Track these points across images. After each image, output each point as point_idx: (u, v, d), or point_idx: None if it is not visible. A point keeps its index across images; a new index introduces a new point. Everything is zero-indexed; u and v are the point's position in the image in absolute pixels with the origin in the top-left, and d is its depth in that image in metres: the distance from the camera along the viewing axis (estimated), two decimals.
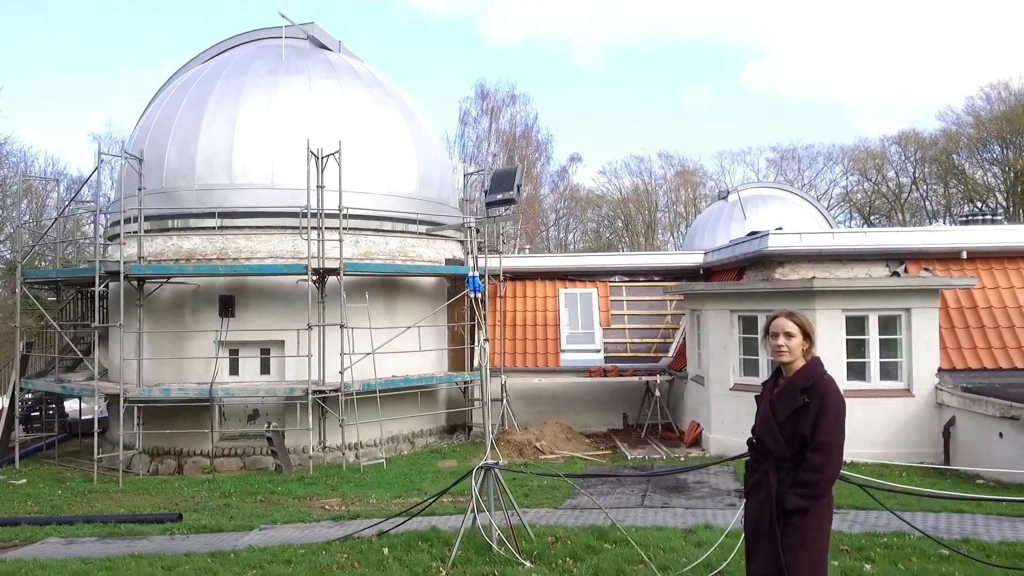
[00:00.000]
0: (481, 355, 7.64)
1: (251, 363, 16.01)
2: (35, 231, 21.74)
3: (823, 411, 3.89)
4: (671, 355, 18.08)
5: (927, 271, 14.23)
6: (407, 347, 16.04)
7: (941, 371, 13.05)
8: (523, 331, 18.59)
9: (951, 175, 43.80)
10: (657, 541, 7.24)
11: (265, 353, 16.05)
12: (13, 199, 27.54)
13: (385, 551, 7.28)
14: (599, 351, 18.20)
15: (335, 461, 15.09)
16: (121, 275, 14.52)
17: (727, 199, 26.67)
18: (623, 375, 17.37)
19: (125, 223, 15.15)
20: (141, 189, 15.41)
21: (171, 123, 16.90)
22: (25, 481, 14.37)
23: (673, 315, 18.89)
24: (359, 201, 15.96)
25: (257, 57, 18.11)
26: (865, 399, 12.71)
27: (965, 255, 14.44)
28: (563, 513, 9.34)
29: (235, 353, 15.89)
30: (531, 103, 61.63)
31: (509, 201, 9.08)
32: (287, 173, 15.99)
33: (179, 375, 15.50)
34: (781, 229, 15.63)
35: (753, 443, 4.23)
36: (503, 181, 8.81)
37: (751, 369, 13.92)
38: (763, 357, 13.64)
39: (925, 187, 46.20)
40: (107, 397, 14.89)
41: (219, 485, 13.27)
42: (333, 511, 10.52)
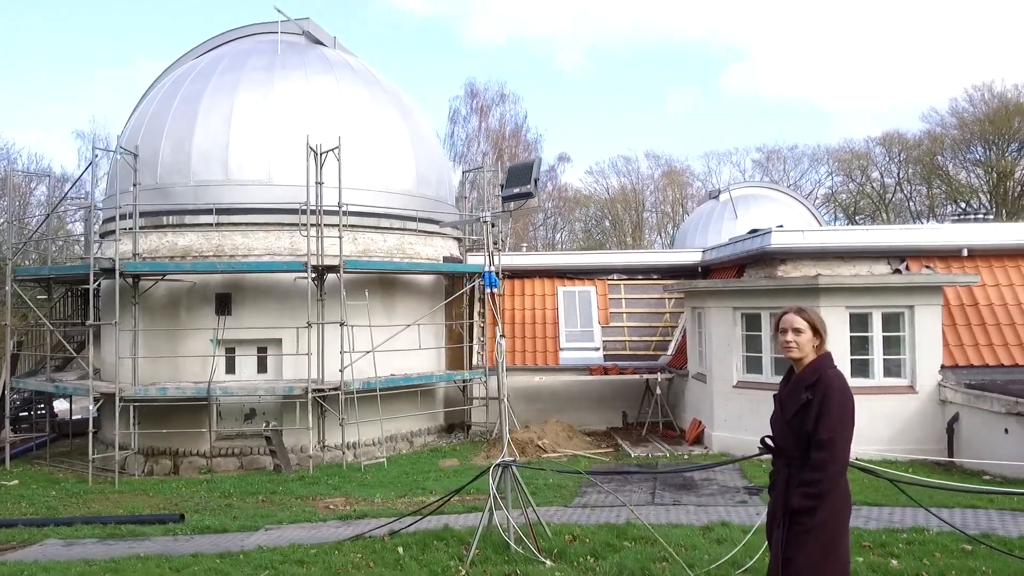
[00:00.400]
0: (498, 351, 7.49)
1: (248, 361, 15.78)
2: (19, 229, 21.30)
3: (825, 407, 3.80)
4: (670, 353, 18.04)
5: (928, 268, 14.27)
6: (406, 345, 15.90)
7: (943, 368, 13.08)
8: (522, 329, 18.47)
9: (935, 176, 44.08)
10: (676, 539, 7.17)
11: (262, 351, 15.83)
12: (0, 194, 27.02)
13: (400, 550, 7.16)
14: (598, 349, 18.12)
15: (334, 460, 14.90)
16: (116, 272, 14.26)
17: (718, 199, 26.70)
18: (623, 373, 17.30)
19: (119, 219, 14.91)
20: (136, 185, 15.15)
21: (165, 118, 16.64)
22: (17, 482, 14.09)
23: (671, 313, 18.85)
24: (357, 198, 15.78)
25: (252, 52, 17.89)
26: (869, 396, 12.70)
27: (966, 252, 14.49)
28: (574, 511, 9.25)
29: (231, 352, 15.65)
30: (520, 102, 61.40)
31: (526, 195, 8.93)
32: (284, 169, 15.79)
33: (174, 374, 15.25)
34: (782, 227, 15.63)
35: (765, 441, 4.17)
36: (520, 175, 8.66)
37: (754, 367, 13.89)
38: (766, 355, 13.63)
39: (909, 188, 46.49)
40: (101, 396, 14.59)
41: (218, 485, 13.07)
42: (339, 511, 10.37)
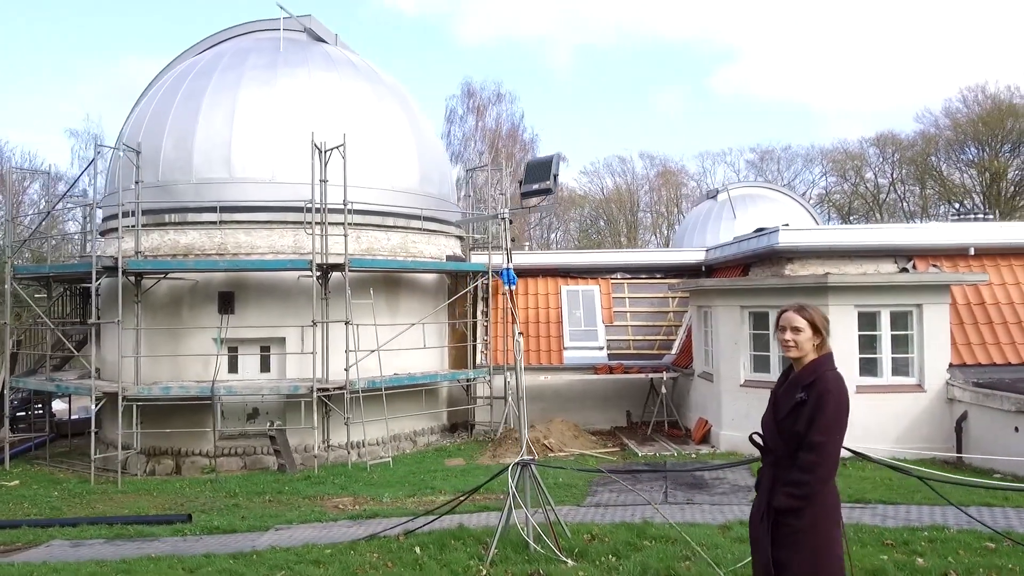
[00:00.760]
0: (517, 349, 7.41)
1: (251, 360, 15.64)
2: (10, 228, 21.09)
3: (820, 408, 3.70)
4: (675, 352, 17.98)
5: (935, 267, 14.26)
6: (410, 344, 15.80)
7: (952, 367, 13.07)
8: (525, 328, 18.37)
9: (928, 176, 44.25)
10: (696, 538, 7.09)
11: (265, 350, 15.70)
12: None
13: (417, 550, 7.07)
14: (602, 348, 18.04)
15: (338, 460, 14.79)
16: (119, 270, 14.10)
17: (716, 198, 26.68)
18: (628, 372, 17.23)
19: (120, 217, 14.73)
20: (138, 182, 15.00)
21: (167, 116, 16.48)
22: (18, 483, 13.93)
23: (676, 312, 18.80)
24: (361, 196, 15.66)
25: (254, 49, 17.76)
26: (877, 394, 12.74)
27: (972, 251, 14.48)
28: (588, 511, 9.18)
29: (234, 351, 15.51)
30: (517, 102, 61.49)
31: (546, 191, 8.80)
32: (288, 167, 15.65)
33: (176, 373, 15.10)
34: (788, 225, 15.61)
35: (753, 439, 4.10)
36: (539, 171, 8.53)
37: (762, 365, 13.84)
38: (774, 353, 13.58)
39: (903, 188, 46.64)
40: (103, 396, 14.44)
41: (223, 485, 12.94)
42: (348, 510, 10.28)
